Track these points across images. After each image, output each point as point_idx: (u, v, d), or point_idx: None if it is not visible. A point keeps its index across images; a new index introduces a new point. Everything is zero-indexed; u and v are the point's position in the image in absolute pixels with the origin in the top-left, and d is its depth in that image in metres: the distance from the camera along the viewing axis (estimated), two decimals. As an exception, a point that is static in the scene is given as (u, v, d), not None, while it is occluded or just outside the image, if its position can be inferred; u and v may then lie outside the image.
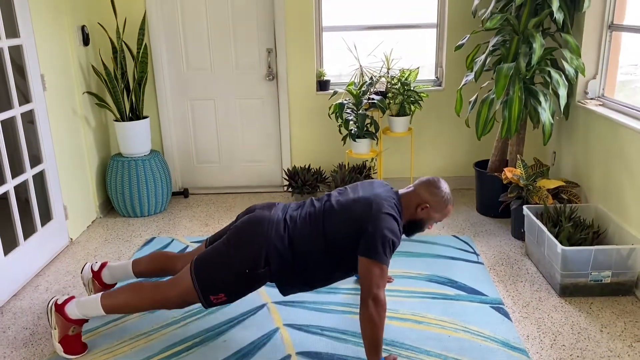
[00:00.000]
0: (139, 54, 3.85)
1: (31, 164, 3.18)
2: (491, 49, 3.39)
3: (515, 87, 3.22)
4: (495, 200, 3.60)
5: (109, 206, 4.15)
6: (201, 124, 4.36)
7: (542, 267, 3.00)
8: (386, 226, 2.15)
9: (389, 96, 3.88)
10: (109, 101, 3.99)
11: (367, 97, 3.84)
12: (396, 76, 3.91)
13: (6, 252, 2.92)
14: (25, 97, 3.18)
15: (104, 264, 2.71)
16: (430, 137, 4.28)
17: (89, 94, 3.84)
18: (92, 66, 3.87)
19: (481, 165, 3.93)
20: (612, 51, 3.26)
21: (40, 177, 3.29)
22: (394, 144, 4.30)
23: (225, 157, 4.44)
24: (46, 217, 3.34)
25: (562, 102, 3.19)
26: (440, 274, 3.02)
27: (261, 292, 2.86)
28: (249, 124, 4.34)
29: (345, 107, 3.84)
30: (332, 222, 2.24)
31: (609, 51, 3.27)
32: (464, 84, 3.59)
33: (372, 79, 3.93)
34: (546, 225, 2.99)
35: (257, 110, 4.30)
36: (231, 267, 2.25)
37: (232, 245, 2.27)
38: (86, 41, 3.79)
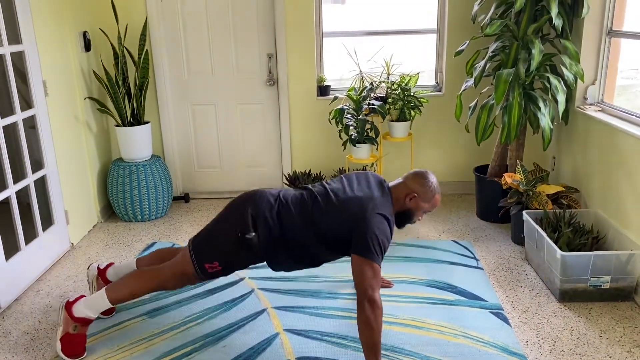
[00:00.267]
0: (140, 59, 3.87)
1: (33, 169, 3.20)
2: (491, 54, 3.40)
3: (514, 93, 3.23)
4: (495, 205, 3.60)
5: (110, 211, 4.17)
6: (202, 129, 4.37)
7: (542, 272, 3.01)
8: (378, 226, 2.24)
9: (389, 101, 3.90)
10: (110, 106, 4.01)
11: (367, 102, 3.86)
12: (396, 81, 3.93)
13: (7, 257, 2.93)
14: (27, 103, 3.20)
15: (110, 264, 2.84)
16: (430, 142, 4.30)
17: (91, 99, 3.86)
18: (94, 72, 3.89)
19: (481, 170, 3.94)
20: (611, 57, 3.27)
21: (41, 182, 3.31)
22: (394, 149, 4.31)
23: (226, 162, 4.45)
24: (47, 222, 3.36)
25: (561, 108, 3.20)
26: (440, 279, 3.02)
27: (261, 297, 2.87)
28: (250, 129, 4.36)
29: (345, 113, 3.86)
30: (324, 218, 2.34)
31: (608, 57, 3.28)
32: (464, 90, 3.60)
33: (372, 84, 3.95)
34: (546, 230, 3.00)
35: (257, 115, 4.32)
36: (223, 231, 2.39)
37: (225, 212, 2.45)
38: (88, 47, 3.82)
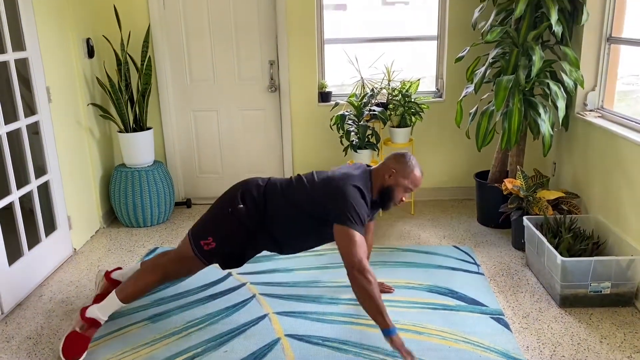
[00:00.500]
0: (142, 66, 3.90)
1: (36, 174, 3.22)
2: (491, 61, 3.42)
3: (514, 99, 3.25)
4: (495, 210, 3.61)
5: (112, 216, 4.18)
6: (204, 135, 4.39)
7: (542, 277, 3.01)
8: (353, 196, 2.37)
9: (390, 107, 3.92)
10: (113, 112, 4.04)
11: (368, 108, 3.88)
12: (397, 88, 3.95)
13: (11, 262, 2.94)
14: (30, 109, 3.22)
15: (118, 268, 2.96)
16: (431, 148, 4.31)
17: (94, 105, 3.89)
18: (97, 78, 3.92)
19: (481, 176, 3.96)
20: (611, 63, 3.29)
21: (44, 187, 3.33)
22: (395, 154, 4.32)
23: (227, 168, 4.47)
24: (50, 227, 3.38)
25: (561, 114, 3.22)
26: (440, 285, 3.03)
27: (262, 303, 2.88)
28: (252, 134, 4.38)
29: (346, 119, 3.88)
30: (305, 190, 2.50)
31: (607, 64, 3.30)
32: (464, 96, 3.62)
33: (373, 90, 3.97)
34: (546, 236, 3.00)
35: (259, 121, 4.34)
36: (216, 209, 2.59)
37: (219, 198, 2.64)
38: (91, 54, 3.85)
